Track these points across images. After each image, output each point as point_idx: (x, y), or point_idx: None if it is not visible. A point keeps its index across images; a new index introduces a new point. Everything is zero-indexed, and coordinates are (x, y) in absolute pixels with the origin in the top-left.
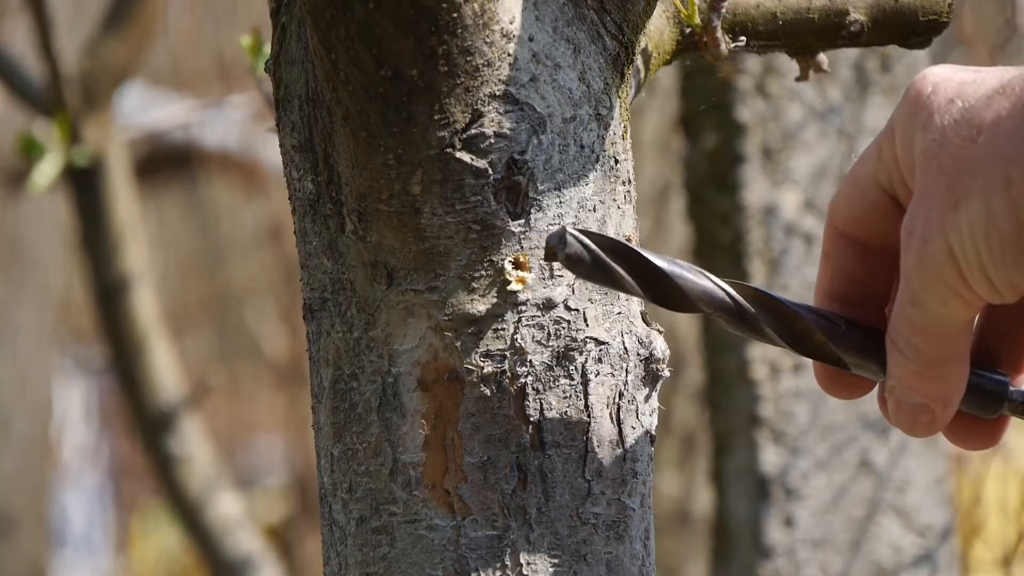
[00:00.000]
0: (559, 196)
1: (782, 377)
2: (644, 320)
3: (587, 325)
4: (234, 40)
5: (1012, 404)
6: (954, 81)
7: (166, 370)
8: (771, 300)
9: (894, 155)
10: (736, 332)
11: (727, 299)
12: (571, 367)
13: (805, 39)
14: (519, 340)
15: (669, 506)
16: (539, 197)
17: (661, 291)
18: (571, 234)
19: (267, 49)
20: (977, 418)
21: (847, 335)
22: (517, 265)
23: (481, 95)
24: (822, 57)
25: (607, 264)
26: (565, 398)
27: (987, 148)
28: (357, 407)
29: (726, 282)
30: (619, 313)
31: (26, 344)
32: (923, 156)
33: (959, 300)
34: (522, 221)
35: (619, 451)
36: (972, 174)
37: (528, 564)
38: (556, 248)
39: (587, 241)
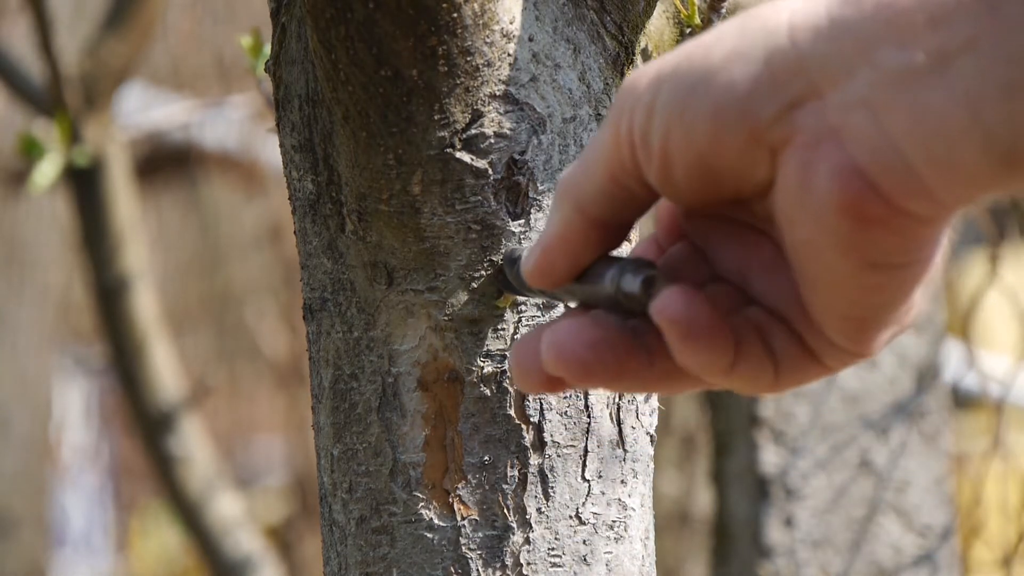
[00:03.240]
0: None
1: None
2: None
3: None
4: (234, 40)
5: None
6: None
7: (166, 370)
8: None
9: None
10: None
11: None
12: None
13: None
14: None
15: (669, 506)
16: (539, 197)
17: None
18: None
19: (267, 49)
20: None
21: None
22: None
23: (481, 95)
24: None
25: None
26: (565, 398)
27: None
28: (357, 407)
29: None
30: None
31: (26, 344)
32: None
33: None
34: (522, 221)
35: (619, 451)
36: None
37: (528, 564)
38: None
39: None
